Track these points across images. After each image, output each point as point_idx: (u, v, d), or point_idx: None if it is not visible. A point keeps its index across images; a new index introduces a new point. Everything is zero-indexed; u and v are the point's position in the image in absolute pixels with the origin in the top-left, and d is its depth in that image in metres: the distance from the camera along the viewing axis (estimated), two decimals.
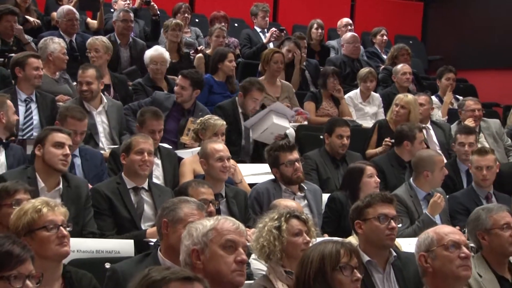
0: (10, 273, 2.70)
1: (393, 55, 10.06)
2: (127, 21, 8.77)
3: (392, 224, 4.22)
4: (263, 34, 10.30)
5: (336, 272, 3.33)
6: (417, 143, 6.81)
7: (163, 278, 2.30)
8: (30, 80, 6.57)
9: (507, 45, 11.42)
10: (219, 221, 3.29)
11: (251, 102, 7.20)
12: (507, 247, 4.26)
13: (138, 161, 5.18)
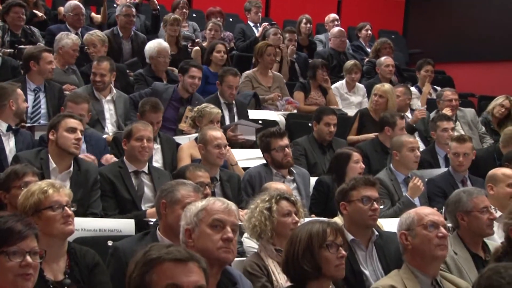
0: (10, 248, 2.69)
1: (376, 48, 10.08)
2: (129, 15, 8.75)
3: (374, 206, 4.23)
4: (256, 28, 10.29)
5: (323, 250, 3.34)
6: (397, 129, 6.82)
7: (158, 257, 2.27)
8: (44, 74, 6.55)
9: (482, 40, 11.45)
10: (209, 202, 3.30)
11: (227, 88, 7.14)
12: (485, 228, 4.27)
13: (138, 147, 5.17)
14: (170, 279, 2.23)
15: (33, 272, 2.73)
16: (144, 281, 2.24)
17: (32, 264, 2.72)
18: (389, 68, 9.16)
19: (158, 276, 2.24)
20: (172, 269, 2.25)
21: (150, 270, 2.25)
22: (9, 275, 2.66)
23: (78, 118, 5.12)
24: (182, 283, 2.24)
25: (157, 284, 2.23)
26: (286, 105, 8.16)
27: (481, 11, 11.68)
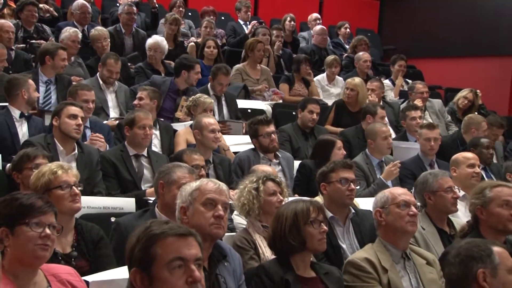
0: (32, 220, 2.69)
1: (354, 45, 10.10)
2: (130, 13, 8.72)
3: (351, 186, 4.25)
4: (246, 26, 10.24)
5: (307, 226, 3.36)
6: (378, 118, 6.82)
7: (162, 232, 2.25)
8: (57, 69, 6.54)
9: (448, 38, 11.49)
10: (203, 182, 3.30)
11: (217, 85, 7.11)
12: (449, 206, 4.30)
13: (141, 134, 5.17)
14: (175, 252, 2.22)
15: (51, 244, 2.74)
16: (149, 254, 2.22)
17: (51, 236, 2.73)
18: (367, 63, 9.16)
19: (163, 250, 2.22)
20: (176, 243, 2.24)
21: (155, 244, 2.23)
22: (30, 245, 2.66)
23: (79, 106, 5.11)
24: (185, 256, 2.23)
25: (162, 257, 2.21)
26: (273, 96, 8.16)
27: (448, 13, 11.71)
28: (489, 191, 3.88)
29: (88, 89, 5.81)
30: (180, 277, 2.20)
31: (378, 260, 3.53)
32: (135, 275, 2.23)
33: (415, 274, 3.59)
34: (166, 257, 2.21)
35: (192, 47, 8.84)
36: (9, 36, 7.09)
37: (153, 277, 2.21)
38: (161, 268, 2.20)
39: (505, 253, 2.73)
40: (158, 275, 2.20)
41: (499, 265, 2.67)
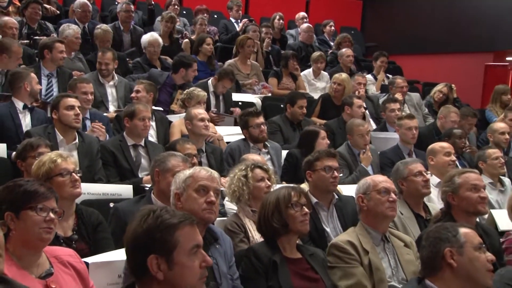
0: (38, 205, 2.69)
1: (338, 42, 10.08)
2: (128, 11, 8.68)
3: (335, 174, 4.26)
4: (237, 24, 10.22)
5: (288, 209, 3.36)
6: (355, 107, 6.85)
7: (180, 221, 2.24)
8: (56, 61, 6.47)
9: (426, 35, 11.50)
10: (195, 170, 3.30)
11: (221, 87, 7.10)
12: (420, 189, 4.32)
13: (141, 126, 5.16)
14: (194, 240, 2.24)
15: (54, 227, 2.74)
16: (171, 241, 2.20)
17: (54, 220, 2.73)
18: (349, 58, 9.19)
19: (184, 238, 2.22)
20: (192, 231, 2.26)
21: (176, 232, 2.22)
22: (35, 228, 2.66)
23: (74, 96, 5.09)
24: (200, 242, 2.27)
25: (183, 244, 2.21)
26: (262, 89, 8.16)
27: (426, 13, 11.73)
28: (457, 178, 3.92)
29: (87, 82, 5.76)
30: (197, 261, 2.23)
31: (360, 242, 3.53)
32: (153, 260, 2.19)
33: (394, 255, 3.60)
34: (188, 244, 2.22)
35: (187, 43, 8.81)
36: (12, 32, 7.03)
37: (173, 263, 2.20)
38: (182, 254, 2.21)
39: (472, 232, 2.75)
40: (180, 260, 2.20)
41: (465, 243, 2.70)
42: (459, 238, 2.71)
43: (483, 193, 3.89)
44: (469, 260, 2.67)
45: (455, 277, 2.67)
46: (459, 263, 2.67)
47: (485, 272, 2.67)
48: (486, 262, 2.68)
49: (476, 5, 11.07)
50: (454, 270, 2.67)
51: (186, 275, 2.20)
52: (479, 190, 3.87)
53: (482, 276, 2.67)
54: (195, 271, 2.22)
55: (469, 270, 2.66)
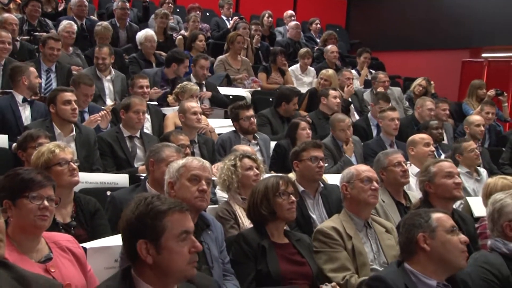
0: (32, 193, 2.67)
1: (324, 39, 10.08)
2: (124, 9, 8.65)
3: (320, 164, 4.26)
4: (228, 21, 10.18)
5: (276, 197, 3.36)
6: (331, 98, 6.84)
7: (169, 208, 2.23)
8: (47, 56, 6.42)
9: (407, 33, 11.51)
10: (188, 160, 3.29)
11: (199, 69, 7.07)
12: (399, 178, 4.32)
13: (135, 118, 5.14)
14: (182, 226, 2.22)
15: (49, 214, 2.72)
16: (159, 227, 2.19)
17: (49, 208, 2.71)
18: (334, 55, 9.17)
19: (172, 223, 2.20)
20: (181, 217, 2.23)
21: (164, 218, 2.20)
22: (30, 216, 2.64)
23: (70, 90, 5.04)
24: (189, 229, 2.24)
25: (171, 230, 2.19)
26: (252, 84, 8.14)
27: (407, 11, 11.74)
28: (432, 167, 3.94)
29: (90, 84, 5.67)
30: (185, 247, 2.20)
31: (344, 228, 3.54)
32: (142, 245, 2.19)
33: (376, 240, 3.61)
34: (176, 230, 2.20)
35: (180, 40, 8.77)
36: (13, 28, 6.94)
37: (161, 247, 2.18)
38: (170, 239, 2.19)
39: (445, 216, 2.76)
40: (168, 245, 2.19)
41: (437, 227, 2.70)
42: (431, 223, 2.72)
43: (457, 179, 3.91)
44: (441, 243, 2.67)
45: (429, 260, 2.68)
46: (432, 246, 2.68)
47: (459, 253, 2.68)
48: (459, 244, 2.68)
49: (453, 5, 11.09)
50: (428, 254, 2.68)
51: (174, 259, 2.18)
52: (453, 176, 3.90)
53: (455, 258, 2.67)
54: (184, 256, 2.20)
55: (442, 252, 2.67)
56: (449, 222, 2.73)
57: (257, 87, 8.13)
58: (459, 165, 5.38)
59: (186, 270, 2.20)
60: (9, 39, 6.23)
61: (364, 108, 7.94)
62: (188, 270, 2.21)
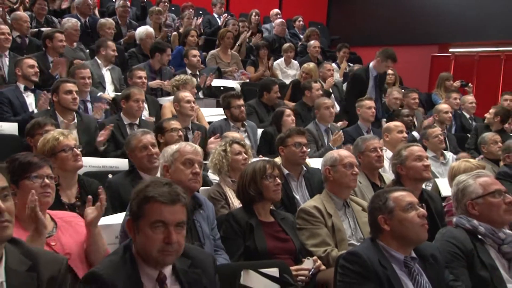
0: (32, 174, 2.67)
1: (307, 35, 10.05)
2: (125, 7, 8.58)
3: (304, 149, 4.26)
4: (219, 19, 10.11)
5: (263, 179, 3.35)
6: (314, 91, 6.81)
7: (152, 196, 2.16)
8: (57, 49, 6.39)
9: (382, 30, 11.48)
10: (182, 145, 3.27)
11: (192, 58, 7.17)
12: (374, 162, 4.35)
13: (135, 106, 5.13)
14: (158, 216, 2.14)
15: (51, 191, 2.72)
16: (140, 211, 2.17)
17: (50, 185, 2.71)
18: (316, 49, 9.16)
19: (149, 211, 2.15)
20: (161, 208, 2.15)
21: (146, 204, 2.16)
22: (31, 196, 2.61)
23: (72, 81, 5.02)
24: (166, 220, 2.14)
25: (148, 217, 2.15)
26: (241, 76, 8.11)
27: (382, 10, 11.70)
28: (404, 151, 3.95)
29: (84, 67, 5.70)
30: (159, 235, 2.13)
31: (324, 207, 3.54)
32: (129, 224, 2.20)
33: (353, 218, 3.61)
34: (151, 217, 2.15)
35: (175, 36, 8.69)
36: (27, 25, 7.03)
37: (139, 229, 2.16)
38: (145, 224, 2.15)
39: (401, 195, 2.72)
40: (143, 229, 2.15)
41: (394, 208, 2.68)
42: (388, 205, 2.69)
43: (426, 162, 3.92)
44: (399, 222, 2.66)
45: (392, 238, 2.67)
46: (392, 226, 2.67)
47: (417, 228, 2.65)
48: (416, 219, 2.65)
49: (424, 5, 11.09)
50: (390, 232, 2.67)
51: (146, 243, 2.13)
52: (422, 159, 3.90)
53: (414, 233, 2.65)
54: (155, 243, 2.12)
55: (401, 230, 2.65)
56: (405, 200, 2.70)
57: (246, 79, 8.09)
58: (427, 149, 5.39)
59: (158, 257, 2.13)
60: (8, 31, 6.22)
61: (343, 98, 7.89)
62: (159, 257, 2.12)
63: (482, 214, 2.94)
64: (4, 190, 1.92)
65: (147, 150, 3.77)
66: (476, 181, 3.01)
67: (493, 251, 2.89)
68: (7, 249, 1.95)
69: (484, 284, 2.75)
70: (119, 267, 2.11)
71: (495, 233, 2.90)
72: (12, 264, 1.93)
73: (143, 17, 9.22)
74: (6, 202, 1.91)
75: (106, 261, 2.18)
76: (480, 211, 2.95)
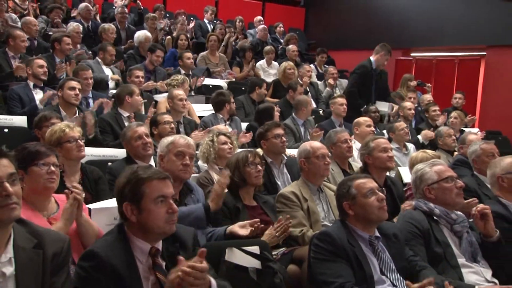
0: (40, 161, 2.66)
1: (287, 39, 10.02)
2: (123, 13, 8.52)
3: (283, 139, 4.26)
4: (209, 24, 10.06)
5: (246, 167, 3.36)
6: (297, 93, 6.82)
7: (148, 176, 2.17)
8: (64, 51, 6.40)
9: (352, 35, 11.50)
10: (176, 138, 3.26)
11: (187, 60, 7.20)
12: (345, 153, 4.37)
13: (138, 100, 5.19)
14: (159, 191, 2.15)
15: (56, 178, 2.70)
16: (139, 192, 2.15)
17: (55, 172, 2.69)
18: (295, 53, 9.15)
19: (149, 189, 2.15)
20: (158, 184, 2.17)
21: (143, 185, 2.15)
22: (40, 180, 2.63)
23: (77, 80, 5.00)
24: (166, 194, 2.17)
25: (149, 194, 2.14)
26: (228, 76, 8.07)
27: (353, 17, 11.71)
28: (371, 143, 3.97)
29: (87, 69, 5.70)
30: (163, 208, 2.15)
31: (301, 192, 3.55)
32: (127, 207, 2.16)
33: (326, 202, 3.62)
34: (152, 194, 2.15)
35: (169, 39, 8.63)
36: (36, 28, 7.06)
37: (142, 209, 2.14)
38: (149, 202, 2.14)
39: (362, 182, 2.73)
40: (147, 207, 2.14)
41: (356, 194, 2.70)
42: (351, 192, 2.71)
43: (391, 153, 3.95)
44: (361, 207, 2.68)
45: (357, 220, 2.70)
46: (355, 211, 2.69)
47: (377, 210, 2.67)
48: (376, 203, 2.67)
49: (390, 13, 11.11)
50: (354, 216, 2.70)
51: (153, 218, 2.13)
52: (387, 151, 3.93)
53: (375, 214, 2.67)
54: (161, 215, 2.14)
55: (364, 213, 2.67)
56: (366, 187, 2.71)
57: (232, 78, 8.06)
58: (391, 141, 5.43)
59: (165, 227, 2.15)
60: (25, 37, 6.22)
61: (319, 96, 7.93)
62: (166, 227, 2.15)
63: (437, 197, 2.97)
64: (12, 176, 1.91)
65: (142, 139, 3.76)
66: (432, 169, 3.04)
67: (446, 230, 2.92)
68: (15, 228, 1.95)
69: (438, 259, 2.79)
70: (114, 246, 2.10)
71: (448, 215, 2.94)
72: (19, 242, 1.92)
73: (140, 23, 9.14)
74: (14, 186, 1.89)
75: (102, 240, 2.17)
76: (436, 195, 2.98)
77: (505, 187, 3.28)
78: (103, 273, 1.99)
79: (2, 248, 1.88)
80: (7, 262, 1.88)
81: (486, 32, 9.23)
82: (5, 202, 1.85)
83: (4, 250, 1.88)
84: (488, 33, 9.20)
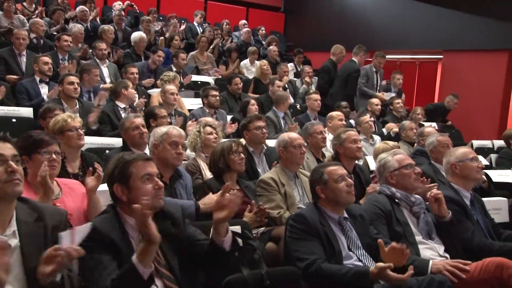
0: (42, 149, 2.61)
1: (268, 41, 10.00)
2: (120, 16, 8.38)
3: (263, 131, 4.25)
4: (199, 27, 9.94)
5: (230, 155, 3.33)
6: (275, 87, 6.82)
7: (134, 158, 2.19)
8: (63, 48, 6.32)
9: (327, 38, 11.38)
10: (169, 129, 3.23)
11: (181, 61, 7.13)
12: (319, 143, 4.35)
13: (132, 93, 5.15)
14: (144, 170, 2.16)
15: (57, 164, 2.66)
16: (127, 173, 2.14)
17: (57, 160, 2.65)
18: (275, 53, 9.15)
19: (136, 169, 2.15)
20: (143, 164, 2.17)
21: (130, 166, 2.15)
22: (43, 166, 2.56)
23: (75, 75, 4.95)
24: (151, 172, 2.17)
25: (136, 174, 2.14)
26: (215, 73, 8.04)
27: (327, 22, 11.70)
28: (343, 134, 3.98)
29: (96, 67, 5.71)
30: (149, 185, 2.15)
31: (279, 178, 3.54)
32: (117, 188, 2.16)
33: (302, 187, 3.63)
34: (139, 173, 2.15)
35: (162, 40, 8.54)
36: (43, 28, 7.02)
37: (131, 187, 2.14)
38: (136, 180, 2.14)
39: (334, 169, 2.75)
40: (135, 185, 2.14)
41: (328, 180, 2.72)
42: (323, 177, 2.72)
43: (359, 144, 3.97)
44: (332, 191, 2.70)
45: (328, 202, 2.72)
46: (327, 194, 2.71)
47: (345, 194, 2.69)
48: (345, 187, 2.69)
49: (361, 18, 11.12)
50: (325, 199, 2.72)
51: (142, 194, 2.12)
52: (357, 142, 3.94)
53: (344, 198, 2.70)
54: (149, 191, 2.14)
55: (334, 197, 2.70)
56: (337, 173, 2.73)
57: (219, 75, 8.04)
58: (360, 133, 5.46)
59: (153, 202, 2.13)
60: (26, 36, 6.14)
61: (296, 93, 7.93)
62: (155, 201, 2.14)
63: (398, 183, 3.01)
64: (16, 157, 1.93)
65: (139, 129, 3.71)
66: (393, 158, 3.07)
67: (406, 211, 2.97)
68: (17, 205, 1.95)
69: (398, 237, 2.82)
70: (111, 221, 2.11)
71: (408, 198, 2.98)
72: (22, 216, 1.93)
73: (136, 25, 9.01)
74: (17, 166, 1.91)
75: (101, 217, 2.17)
76: (397, 180, 3.01)
77: (457, 173, 3.33)
78: (103, 244, 2.01)
79: (6, 223, 1.89)
80: (12, 234, 1.89)
81: (443, 38, 9.36)
82: (10, 177, 1.86)
83: (9, 225, 1.90)
84: (445, 39, 9.33)
